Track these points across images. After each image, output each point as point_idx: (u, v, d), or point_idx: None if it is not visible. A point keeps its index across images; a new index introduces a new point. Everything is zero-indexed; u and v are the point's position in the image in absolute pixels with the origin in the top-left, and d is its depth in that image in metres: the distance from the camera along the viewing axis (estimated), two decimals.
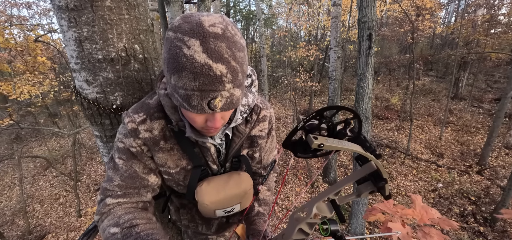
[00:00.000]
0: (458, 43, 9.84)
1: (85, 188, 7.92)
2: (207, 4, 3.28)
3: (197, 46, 0.47)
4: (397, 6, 11.15)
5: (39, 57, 6.31)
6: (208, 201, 0.72)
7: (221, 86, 0.50)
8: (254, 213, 0.90)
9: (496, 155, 7.34)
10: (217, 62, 0.48)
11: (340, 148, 0.43)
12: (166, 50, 0.51)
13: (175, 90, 0.52)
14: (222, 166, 0.79)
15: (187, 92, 0.50)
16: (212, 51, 0.47)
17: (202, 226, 0.96)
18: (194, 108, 0.52)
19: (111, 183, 0.67)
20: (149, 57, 0.88)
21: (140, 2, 0.83)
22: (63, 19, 0.72)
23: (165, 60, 0.52)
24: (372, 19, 3.37)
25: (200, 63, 0.47)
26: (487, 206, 5.50)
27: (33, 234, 6.30)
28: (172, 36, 0.50)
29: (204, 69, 0.47)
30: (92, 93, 0.80)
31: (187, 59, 0.47)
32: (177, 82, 0.50)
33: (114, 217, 0.64)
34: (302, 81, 10.52)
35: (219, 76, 0.49)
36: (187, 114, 0.59)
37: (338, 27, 6.38)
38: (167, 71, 0.52)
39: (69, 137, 9.90)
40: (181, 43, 0.48)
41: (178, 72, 0.49)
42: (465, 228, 5.00)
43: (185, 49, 0.47)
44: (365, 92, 3.65)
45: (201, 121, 0.59)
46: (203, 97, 0.50)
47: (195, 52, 0.47)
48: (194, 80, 0.48)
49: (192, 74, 0.48)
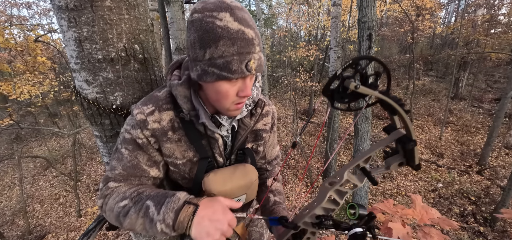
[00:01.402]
0: (458, 43, 9.84)
1: (85, 188, 7.92)
2: None
3: (228, 17, 0.54)
4: (397, 6, 11.15)
5: (39, 57, 6.31)
6: (216, 191, 0.72)
7: (253, 48, 0.57)
8: (271, 203, 0.89)
9: (496, 155, 7.34)
10: (247, 28, 0.56)
11: (372, 93, 0.45)
12: (195, 30, 0.56)
13: (211, 64, 0.56)
14: (228, 159, 0.81)
15: (227, 59, 0.55)
16: (241, 19, 0.55)
17: None
18: (235, 73, 0.57)
19: (114, 171, 0.69)
20: (149, 57, 0.88)
21: (140, 2, 0.83)
22: (63, 19, 0.72)
23: (197, 39, 0.56)
24: (372, 19, 3.37)
25: (235, 30, 0.54)
26: (487, 206, 5.50)
27: (33, 234, 6.30)
28: (200, 16, 0.55)
29: (239, 34, 0.54)
30: (92, 93, 0.80)
31: (222, 29, 0.53)
32: (214, 53, 0.55)
33: (119, 194, 0.66)
34: (302, 81, 10.52)
35: (251, 39, 0.56)
36: (220, 89, 0.61)
37: (338, 27, 6.38)
38: (200, 48, 0.56)
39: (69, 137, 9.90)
40: (212, 18, 0.54)
41: (215, 43, 0.54)
42: (465, 228, 5.00)
43: (218, 22, 0.54)
44: None
45: (233, 93, 0.62)
46: (241, 60, 0.56)
47: (228, 22, 0.54)
48: (233, 45, 0.54)
49: (229, 40, 0.54)
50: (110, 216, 0.66)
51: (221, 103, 0.64)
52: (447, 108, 8.80)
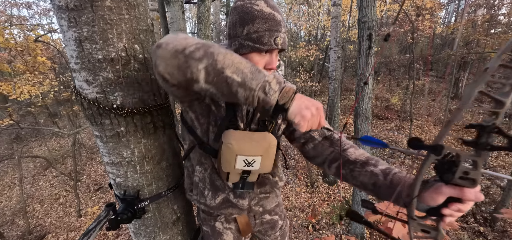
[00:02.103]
0: (458, 43, 9.84)
1: (85, 188, 7.92)
2: (207, 4, 3.28)
3: (263, 3, 0.74)
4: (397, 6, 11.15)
5: (39, 57, 6.31)
6: (233, 141, 0.75)
7: (280, 27, 0.75)
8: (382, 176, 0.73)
9: (496, 155, 7.34)
10: (276, 12, 0.74)
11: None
12: (237, 12, 0.75)
13: (247, 38, 0.74)
14: (248, 127, 0.89)
15: (260, 34, 0.73)
16: (272, 6, 0.75)
17: (209, 192, 0.95)
18: (266, 45, 0.73)
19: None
20: (149, 57, 0.88)
21: (140, 2, 0.83)
22: (63, 19, 0.72)
23: (237, 19, 0.75)
24: (372, 19, 3.37)
25: (268, 12, 0.73)
26: (487, 206, 5.50)
27: (33, 234, 6.30)
28: (242, 3, 0.75)
29: (271, 16, 0.73)
30: (92, 93, 0.80)
31: (258, 11, 0.72)
32: (251, 29, 0.73)
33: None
34: (302, 81, 10.51)
35: (279, 20, 0.75)
36: (252, 60, 0.75)
37: (338, 27, 6.38)
38: (239, 25, 0.74)
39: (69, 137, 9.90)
40: (251, 4, 0.73)
41: (252, 21, 0.72)
42: (465, 228, 5.00)
43: (255, 6, 0.73)
44: (365, 92, 3.65)
45: (262, 65, 0.78)
46: (271, 35, 0.73)
47: (263, 7, 0.73)
48: (265, 23, 0.73)
49: (263, 20, 0.72)
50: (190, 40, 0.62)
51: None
52: (447, 108, 8.79)
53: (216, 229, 1.05)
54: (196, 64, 0.58)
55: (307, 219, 5.42)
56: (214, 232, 1.06)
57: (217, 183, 0.94)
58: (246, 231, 1.09)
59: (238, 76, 0.58)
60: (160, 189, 0.99)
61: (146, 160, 0.92)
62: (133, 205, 0.92)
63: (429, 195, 0.55)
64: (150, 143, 0.92)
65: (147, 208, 0.98)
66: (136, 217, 0.94)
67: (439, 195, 0.54)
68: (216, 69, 0.58)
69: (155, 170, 0.96)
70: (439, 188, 0.54)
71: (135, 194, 0.94)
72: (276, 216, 1.14)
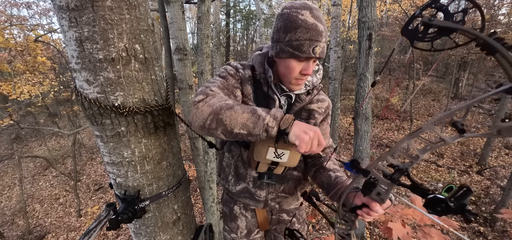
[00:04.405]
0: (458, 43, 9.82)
1: (85, 188, 7.92)
2: (207, 4, 3.27)
3: (308, 13, 0.76)
4: (397, 6, 11.15)
5: (39, 57, 6.31)
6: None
7: (321, 38, 0.78)
8: (333, 178, 0.96)
9: (496, 155, 7.34)
10: (320, 23, 0.77)
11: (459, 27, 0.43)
12: (282, 20, 0.79)
13: (288, 44, 0.79)
14: None
15: (300, 42, 0.77)
16: (316, 17, 0.77)
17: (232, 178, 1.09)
18: (304, 53, 0.78)
19: (212, 84, 0.87)
20: (149, 57, 0.88)
21: (141, 2, 0.83)
22: (63, 19, 0.72)
23: (282, 26, 0.79)
24: (372, 19, 3.37)
25: (311, 23, 0.76)
26: (487, 206, 5.50)
27: (33, 234, 6.30)
28: (288, 11, 0.79)
29: (313, 26, 0.76)
30: (92, 93, 0.80)
31: (302, 21, 0.76)
32: (293, 37, 0.77)
33: (223, 97, 0.81)
34: None
35: (321, 31, 0.77)
36: (289, 65, 0.83)
37: (338, 27, 6.38)
38: (283, 32, 0.79)
39: (69, 137, 9.90)
40: (297, 13, 0.77)
41: (295, 29, 0.76)
42: (465, 228, 5.00)
43: (300, 16, 0.76)
44: (365, 92, 3.65)
45: (298, 70, 0.83)
46: (311, 44, 0.77)
47: (307, 17, 0.76)
48: (307, 33, 0.76)
49: (305, 29, 0.76)
50: (205, 110, 0.77)
51: (287, 76, 0.87)
52: (447, 108, 8.79)
53: (233, 212, 1.19)
54: (215, 132, 0.76)
55: (307, 219, 5.43)
56: (231, 214, 1.19)
57: (241, 171, 1.06)
58: (264, 225, 1.19)
59: (244, 130, 0.72)
60: (161, 189, 1.00)
61: (146, 160, 0.92)
62: (133, 205, 0.92)
63: (354, 198, 0.79)
64: (150, 143, 0.92)
65: (147, 208, 0.98)
66: (137, 217, 0.94)
67: (359, 200, 0.77)
68: (228, 131, 0.73)
69: (156, 170, 0.96)
70: (360, 196, 0.76)
71: (135, 194, 0.94)
72: (294, 219, 1.21)
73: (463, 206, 0.49)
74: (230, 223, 1.19)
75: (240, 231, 1.18)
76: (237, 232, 1.19)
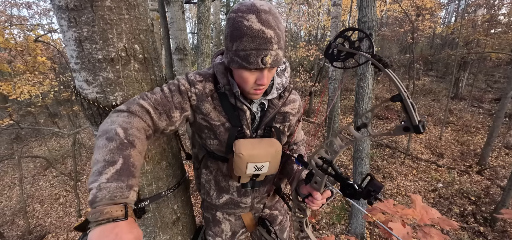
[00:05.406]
0: (458, 43, 9.83)
1: (85, 188, 7.92)
2: (207, 4, 3.27)
3: (253, 18, 0.66)
4: (397, 6, 11.15)
5: (39, 57, 6.31)
6: (245, 152, 0.82)
7: (270, 46, 0.69)
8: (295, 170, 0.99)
9: (496, 155, 7.34)
10: (268, 29, 0.67)
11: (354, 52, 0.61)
12: (229, 26, 0.71)
13: (236, 54, 0.71)
14: (254, 133, 0.92)
15: (247, 52, 0.69)
16: (264, 21, 0.67)
17: (214, 192, 1.04)
18: (252, 64, 0.70)
19: (152, 95, 0.78)
20: (149, 57, 0.88)
21: (140, 2, 0.83)
22: (63, 19, 0.72)
23: (229, 33, 0.71)
24: (372, 19, 3.37)
25: (256, 29, 0.67)
26: (487, 206, 5.50)
27: (33, 234, 6.29)
28: (234, 15, 0.69)
29: (259, 34, 0.67)
30: (92, 93, 0.80)
31: (247, 28, 0.67)
32: (239, 46, 0.69)
33: (131, 122, 0.68)
34: (302, 81, 10.51)
35: (269, 38, 0.68)
36: (242, 75, 0.75)
37: (338, 27, 6.38)
38: (229, 41, 0.71)
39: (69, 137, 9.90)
40: (242, 18, 0.67)
41: (240, 38, 0.68)
42: (465, 228, 5.00)
43: (245, 22, 0.67)
44: (365, 92, 3.65)
45: (252, 80, 0.76)
46: (258, 54, 0.69)
47: (253, 22, 0.66)
48: (252, 42, 0.67)
49: (251, 37, 0.67)
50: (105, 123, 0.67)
51: (242, 86, 0.80)
52: (447, 108, 8.79)
53: (216, 217, 1.16)
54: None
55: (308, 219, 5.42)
56: (215, 219, 1.16)
57: (222, 184, 1.01)
58: (251, 226, 1.18)
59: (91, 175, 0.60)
60: (160, 189, 0.99)
61: (146, 160, 0.92)
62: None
63: (302, 189, 0.86)
64: (150, 143, 0.92)
65: (147, 208, 0.98)
66: (136, 217, 0.94)
67: (305, 190, 0.84)
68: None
69: (155, 170, 0.96)
70: (306, 186, 0.83)
71: None
72: (276, 211, 1.22)
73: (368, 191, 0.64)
74: (214, 228, 1.17)
75: (225, 233, 1.17)
76: (221, 235, 1.16)
